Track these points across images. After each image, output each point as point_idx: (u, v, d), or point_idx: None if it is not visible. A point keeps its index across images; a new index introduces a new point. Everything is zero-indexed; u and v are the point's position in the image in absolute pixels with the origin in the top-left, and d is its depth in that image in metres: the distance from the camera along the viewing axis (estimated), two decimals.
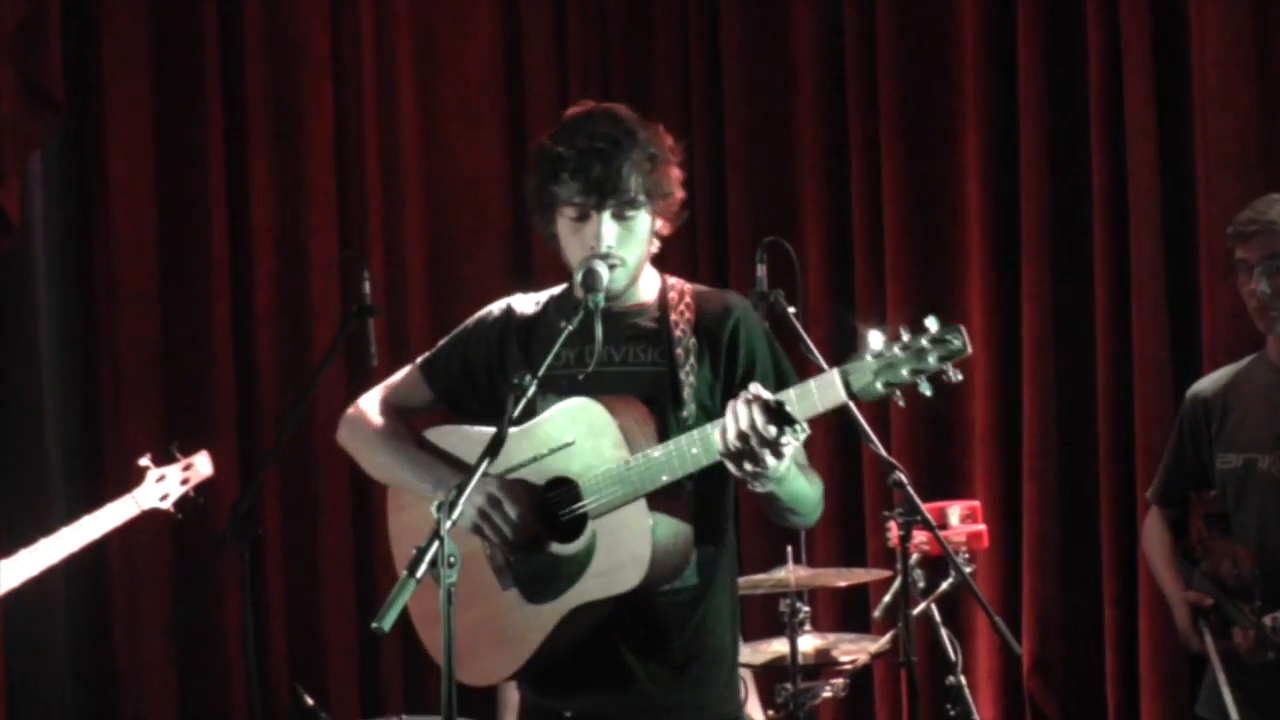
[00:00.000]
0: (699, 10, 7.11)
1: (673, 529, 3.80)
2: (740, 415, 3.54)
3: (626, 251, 3.88)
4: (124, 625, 6.85)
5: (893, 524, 5.03)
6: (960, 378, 3.45)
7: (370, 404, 4.18)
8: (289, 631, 6.99)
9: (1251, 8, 5.92)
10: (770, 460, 3.56)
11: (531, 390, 3.69)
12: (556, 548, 3.86)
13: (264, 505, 6.83)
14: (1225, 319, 5.78)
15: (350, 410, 4.20)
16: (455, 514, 3.50)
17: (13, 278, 6.66)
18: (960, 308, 6.47)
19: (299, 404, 5.40)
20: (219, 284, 6.93)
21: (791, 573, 5.43)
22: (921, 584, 5.50)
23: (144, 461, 5.65)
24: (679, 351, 3.90)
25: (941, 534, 4.96)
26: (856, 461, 6.66)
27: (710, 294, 4.02)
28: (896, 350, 3.46)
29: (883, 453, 4.50)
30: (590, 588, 3.82)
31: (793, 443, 3.58)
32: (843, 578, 5.68)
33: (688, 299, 3.97)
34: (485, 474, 3.69)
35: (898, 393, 3.49)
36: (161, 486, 5.63)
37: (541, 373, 3.73)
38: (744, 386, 3.71)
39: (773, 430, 3.53)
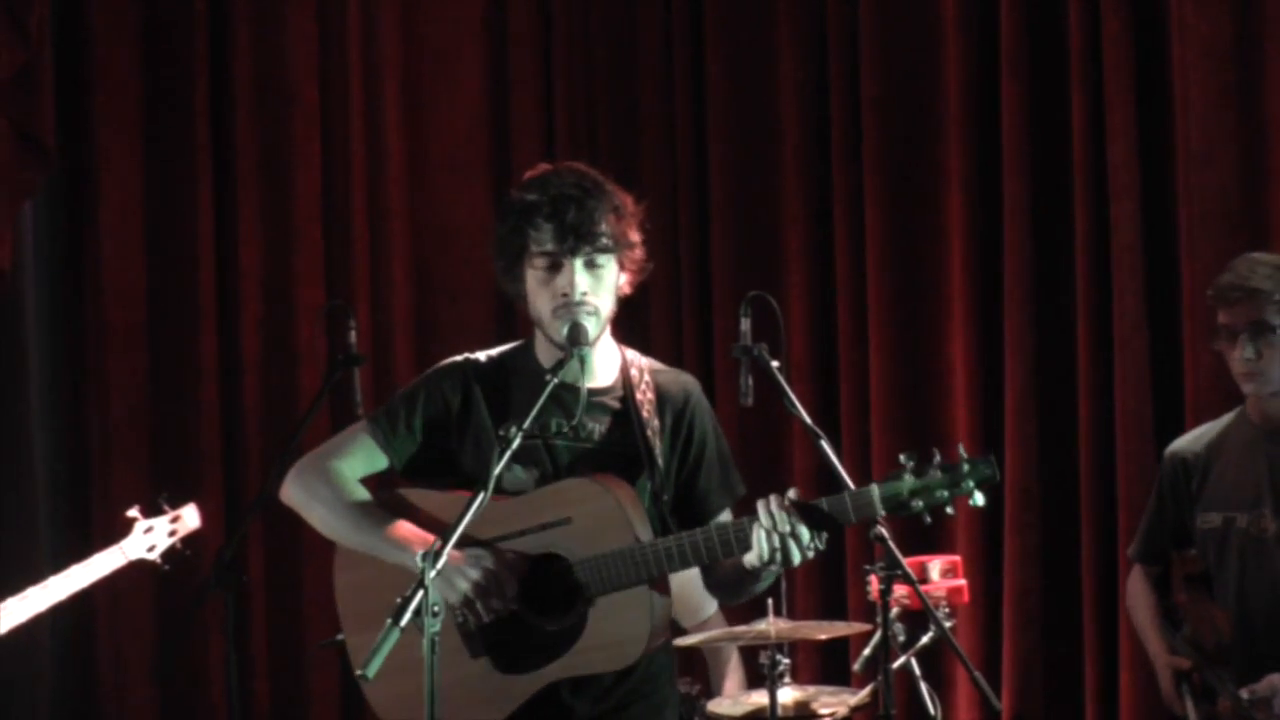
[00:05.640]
0: (684, 63, 7.14)
1: (664, 605, 3.85)
2: (779, 520, 3.71)
3: (598, 300, 3.91)
4: (108, 669, 6.85)
5: (873, 578, 5.03)
6: (984, 503, 3.67)
7: (320, 464, 4.09)
8: (272, 678, 6.98)
9: (1234, 66, 5.96)
10: (797, 559, 3.72)
11: (517, 442, 3.69)
12: (549, 625, 3.87)
13: (248, 552, 6.82)
14: (1208, 375, 5.79)
15: (297, 470, 4.13)
16: (440, 564, 3.51)
17: (2, 324, 6.68)
18: (943, 362, 6.49)
19: (284, 452, 5.38)
20: (206, 330, 6.96)
21: (772, 625, 5.42)
22: (902, 638, 5.51)
23: (132, 513, 5.65)
24: (649, 433, 3.94)
25: (922, 588, 4.97)
26: None
27: (667, 373, 4.07)
28: (936, 474, 3.66)
29: None
30: (579, 662, 3.83)
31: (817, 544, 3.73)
32: (823, 631, 5.66)
33: (648, 378, 4.01)
34: (476, 541, 3.71)
35: (927, 513, 3.68)
36: (149, 538, 5.64)
37: (527, 424, 3.73)
38: (694, 469, 3.94)
39: (806, 535, 3.71)
